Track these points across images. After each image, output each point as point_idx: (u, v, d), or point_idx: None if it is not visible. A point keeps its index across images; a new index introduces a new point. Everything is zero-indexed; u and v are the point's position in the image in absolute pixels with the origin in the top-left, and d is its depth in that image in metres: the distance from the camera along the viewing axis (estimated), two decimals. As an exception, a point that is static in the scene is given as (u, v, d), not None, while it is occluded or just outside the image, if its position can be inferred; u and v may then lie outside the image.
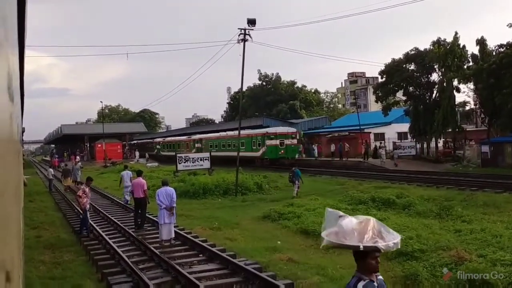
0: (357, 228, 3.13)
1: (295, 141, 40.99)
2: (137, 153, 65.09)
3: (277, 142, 39.65)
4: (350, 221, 3.17)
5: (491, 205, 17.36)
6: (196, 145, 52.85)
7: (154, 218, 15.02)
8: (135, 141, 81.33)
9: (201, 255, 11.12)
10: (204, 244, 11.68)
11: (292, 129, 42.62)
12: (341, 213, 3.32)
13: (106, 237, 12.90)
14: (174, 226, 12.90)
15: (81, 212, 14.65)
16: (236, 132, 43.04)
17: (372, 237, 3.10)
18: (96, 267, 10.61)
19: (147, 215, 15.68)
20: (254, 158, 41.07)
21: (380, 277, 3.27)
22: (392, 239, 3.15)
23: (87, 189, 14.63)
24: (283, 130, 41.34)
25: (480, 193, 19.82)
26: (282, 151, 38.83)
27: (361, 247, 3.07)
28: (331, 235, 3.20)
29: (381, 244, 3.09)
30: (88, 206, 14.52)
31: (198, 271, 9.66)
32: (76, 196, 15.38)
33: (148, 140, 75.34)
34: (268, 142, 39.80)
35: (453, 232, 13.32)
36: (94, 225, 14.94)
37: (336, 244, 3.20)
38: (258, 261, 10.47)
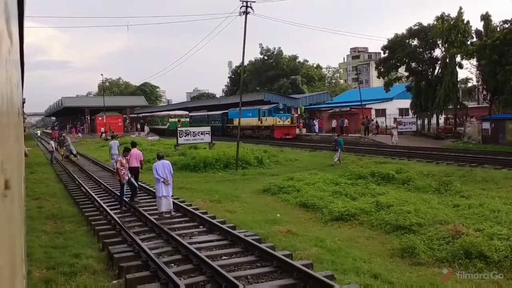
0: None
1: (187, 119, 60.73)
2: (146, 128, 63.06)
3: (176, 120, 58.54)
4: None
5: (490, 181, 17.43)
6: (141, 120, 72.36)
7: (152, 189, 15.09)
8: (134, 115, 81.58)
9: (201, 227, 11.23)
10: (204, 216, 11.79)
11: (185, 112, 64.02)
12: None
13: (107, 208, 13.02)
14: (172, 198, 13.02)
15: (121, 185, 13.85)
16: (164, 113, 67.29)
17: None
18: (98, 237, 10.74)
19: (146, 186, 15.70)
20: (164, 129, 59.93)
21: None
22: None
23: (123, 160, 13.96)
24: (179, 113, 63.72)
25: (479, 169, 19.87)
26: (179, 125, 51.24)
27: None
28: None
29: None
30: (127, 178, 13.79)
31: (198, 242, 9.78)
32: (117, 170, 14.34)
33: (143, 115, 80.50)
34: (171, 120, 60.13)
35: (451, 207, 13.40)
36: (95, 196, 15.07)
37: None
38: (257, 233, 10.58)
